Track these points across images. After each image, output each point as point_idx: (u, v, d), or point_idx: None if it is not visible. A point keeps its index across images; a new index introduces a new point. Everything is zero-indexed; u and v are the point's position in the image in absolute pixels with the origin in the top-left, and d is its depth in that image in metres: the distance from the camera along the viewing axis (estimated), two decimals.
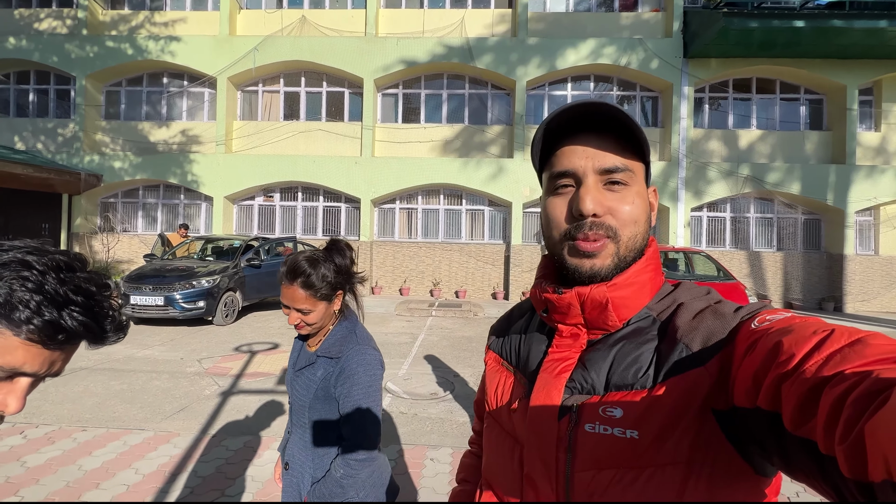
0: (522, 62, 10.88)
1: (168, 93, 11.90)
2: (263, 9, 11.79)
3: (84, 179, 10.72)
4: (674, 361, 0.49)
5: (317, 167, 10.99)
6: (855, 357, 0.33)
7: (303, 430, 1.23)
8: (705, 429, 0.46)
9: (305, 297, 1.16)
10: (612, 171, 0.54)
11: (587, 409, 0.51)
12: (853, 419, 0.29)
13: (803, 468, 0.36)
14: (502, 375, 0.66)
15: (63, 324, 0.48)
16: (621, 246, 0.54)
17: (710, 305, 0.53)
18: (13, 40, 11.41)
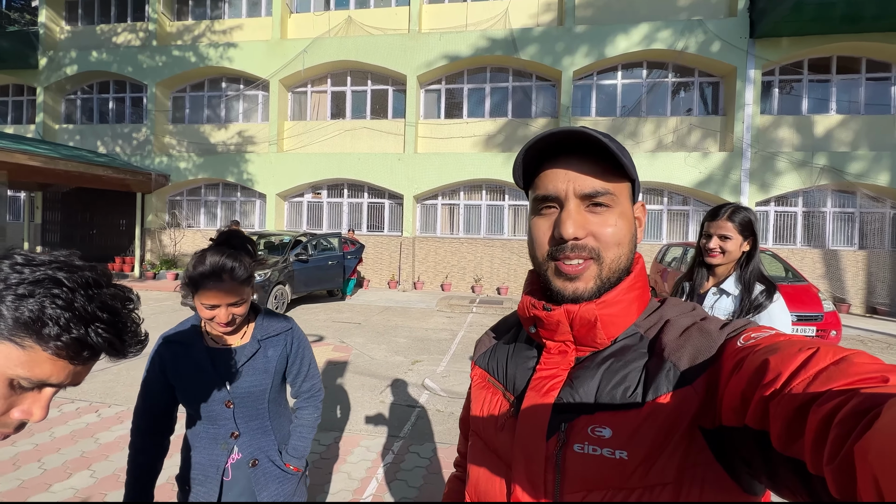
0: (569, 51, 10.47)
1: (226, 96, 12.66)
2: (312, 11, 12.19)
3: (154, 179, 11.70)
4: (662, 380, 0.49)
5: (361, 164, 11.26)
6: (840, 375, 0.33)
7: (260, 418, 1.25)
8: (693, 448, 0.46)
9: (236, 289, 1.15)
10: (593, 195, 0.54)
11: (576, 429, 0.51)
12: (841, 439, 0.29)
13: (791, 486, 0.36)
14: (489, 392, 0.65)
15: (89, 340, 0.50)
16: (604, 268, 0.55)
17: (696, 322, 0.53)
18: (95, 54, 12.61)
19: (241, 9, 12.61)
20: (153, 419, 1.25)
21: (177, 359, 1.20)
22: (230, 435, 1.21)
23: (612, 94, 10.98)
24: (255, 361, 1.23)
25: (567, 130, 0.53)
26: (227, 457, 1.21)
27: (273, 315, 1.33)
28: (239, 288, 1.15)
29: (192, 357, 1.20)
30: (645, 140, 10.61)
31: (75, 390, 3.83)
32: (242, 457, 1.22)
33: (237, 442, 1.22)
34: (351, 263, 9.37)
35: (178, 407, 1.28)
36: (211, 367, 1.19)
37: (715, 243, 1.67)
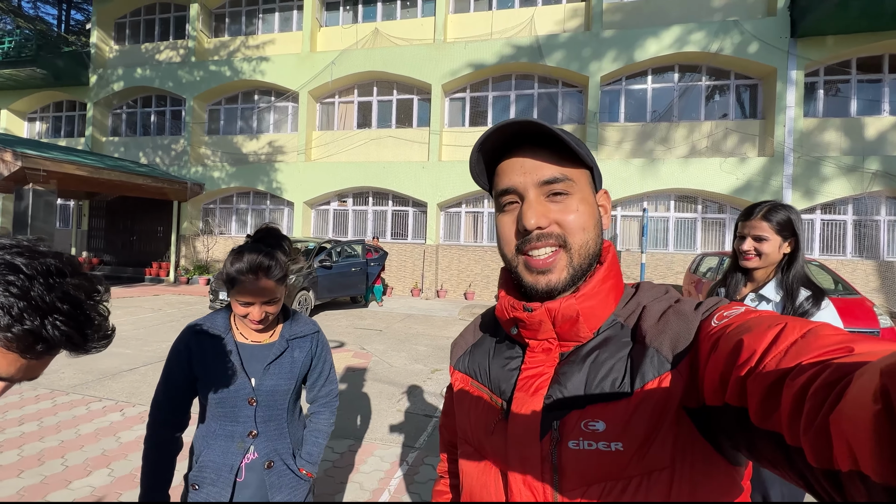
0: (596, 57, 10.28)
1: (258, 108, 13.13)
2: (340, 24, 12.52)
3: (190, 188, 12.20)
4: (647, 367, 0.49)
5: (386, 172, 11.36)
6: (808, 349, 0.35)
7: (278, 419, 1.23)
8: (683, 429, 0.47)
9: (273, 287, 1.15)
10: (552, 181, 0.54)
11: (568, 425, 0.50)
12: (815, 410, 0.30)
13: (771, 459, 0.37)
14: (474, 396, 0.63)
15: (44, 333, 0.45)
16: (574, 254, 0.54)
17: (672, 305, 0.54)
18: (140, 70, 13.38)
19: (273, 24, 13.11)
20: (173, 412, 1.22)
21: (205, 350, 1.19)
22: (248, 434, 1.19)
23: (641, 99, 10.67)
24: (282, 361, 1.23)
25: (515, 122, 0.53)
26: (243, 456, 1.18)
27: (300, 317, 1.35)
28: (274, 286, 1.15)
29: (221, 349, 1.18)
30: (677, 145, 10.23)
31: (104, 390, 3.94)
32: (258, 457, 1.19)
33: (254, 442, 1.19)
34: (374, 270, 9.40)
35: (193, 402, 1.25)
36: (239, 362, 1.18)
37: (749, 245, 1.52)
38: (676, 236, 10.29)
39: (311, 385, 1.36)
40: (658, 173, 9.88)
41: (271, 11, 13.13)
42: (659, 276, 10.05)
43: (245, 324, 1.19)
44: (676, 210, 10.31)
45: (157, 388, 1.24)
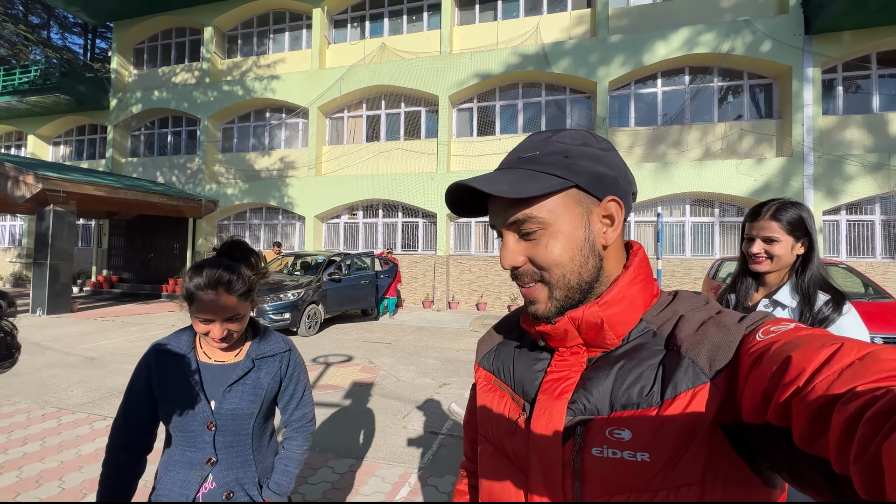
0: (604, 62, 10.18)
1: (269, 125, 13.38)
2: (348, 41, 12.74)
3: (204, 205, 12.44)
4: (681, 377, 0.47)
5: (395, 185, 11.39)
6: (866, 372, 0.33)
7: (241, 446, 1.14)
8: (716, 446, 0.45)
9: (236, 303, 1.09)
10: (515, 223, 0.54)
11: (592, 432, 0.49)
12: (868, 438, 0.28)
13: (815, 485, 0.35)
14: (496, 395, 0.62)
15: None
16: (554, 288, 0.54)
17: (712, 316, 0.52)
18: (157, 93, 13.82)
19: (283, 44, 13.43)
20: (131, 434, 1.15)
21: (164, 369, 1.13)
22: (206, 461, 1.11)
23: (651, 103, 10.50)
24: (247, 381, 1.16)
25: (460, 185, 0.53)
26: (199, 485, 1.10)
27: (272, 335, 1.27)
28: (236, 303, 1.08)
29: (180, 369, 1.12)
30: (690, 148, 10.00)
31: (110, 408, 3.92)
32: (216, 487, 1.11)
33: (213, 470, 1.11)
34: (384, 283, 9.35)
35: (158, 424, 1.19)
36: (199, 383, 1.12)
37: (759, 247, 1.40)
38: (693, 241, 9.99)
39: (283, 408, 1.26)
40: (672, 177, 9.65)
41: (281, 31, 13.47)
42: (676, 282, 9.75)
43: (208, 342, 1.12)
44: (692, 214, 10.03)
45: (118, 409, 1.17)
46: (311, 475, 2.83)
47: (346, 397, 4.36)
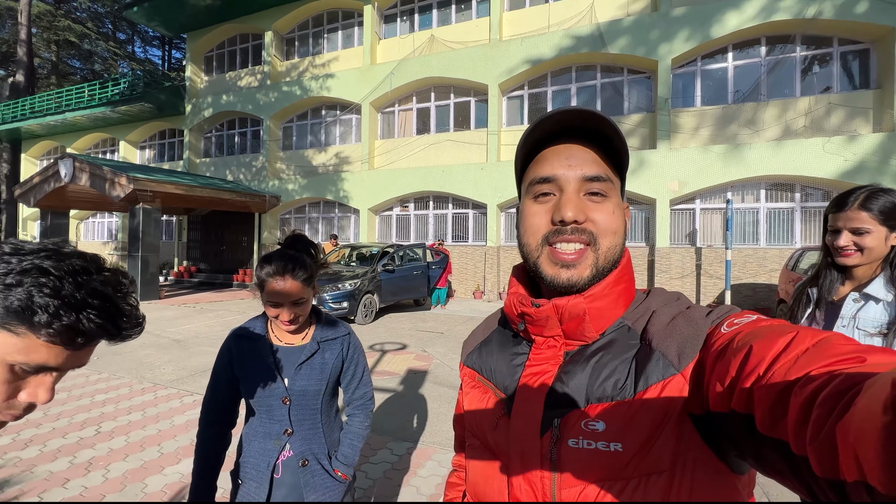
0: (666, 38, 9.50)
1: (325, 122, 13.96)
2: (398, 35, 12.90)
3: (268, 200, 13.29)
4: (652, 370, 0.49)
5: (445, 176, 11.46)
6: (819, 357, 0.34)
7: (312, 419, 1.26)
8: (685, 434, 0.46)
9: (301, 288, 1.20)
10: (595, 179, 0.54)
11: (569, 424, 0.51)
12: (822, 419, 0.30)
13: (776, 467, 0.36)
14: (479, 391, 0.64)
15: (81, 327, 0.49)
16: (600, 256, 0.54)
17: (682, 311, 0.53)
18: (225, 97, 14.87)
19: (337, 42, 13.88)
20: (219, 411, 1.31)
21: (243, 353, 1.27)
22: (284, 432, 1.24)
23: (721, 80, 9.66)
24: (313, 362, 1.29)
25: (580, 110, 0.52)
26: (279, 453, 1.24)
27: (332, 320, 1.39)
28: (301, 287, 1.21)
29: (257, 352, 1.26)
30: (766, 127, 9.10)
31: (195, 385, 4.37)
32: (293, 455, 1.24)
33: (289, 439, 1.25)
34: (435, 273, 9.50)
35: (240, 401, 1.33)
36: (273, 363, 1.25)
37: (846, 240, 1.29)
38: (769, 229, 9.14)
39: (345, 388, 1.39)
40: (744, 160, 8.86)
41: (335, 31, 13.92)
42: (749, 273, 9.00)
43: (278, 325, 1.25)
44: (768, 200, 9.16)
45: (206, 388, 1.32)
46: (372, 455, 2.98)
47: (402, 383, 4.52)
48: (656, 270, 9.54)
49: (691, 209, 9.64)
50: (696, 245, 9.51)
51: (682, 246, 9.63)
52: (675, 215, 9.72)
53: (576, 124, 0.54)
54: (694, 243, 9.56)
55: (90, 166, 10.01)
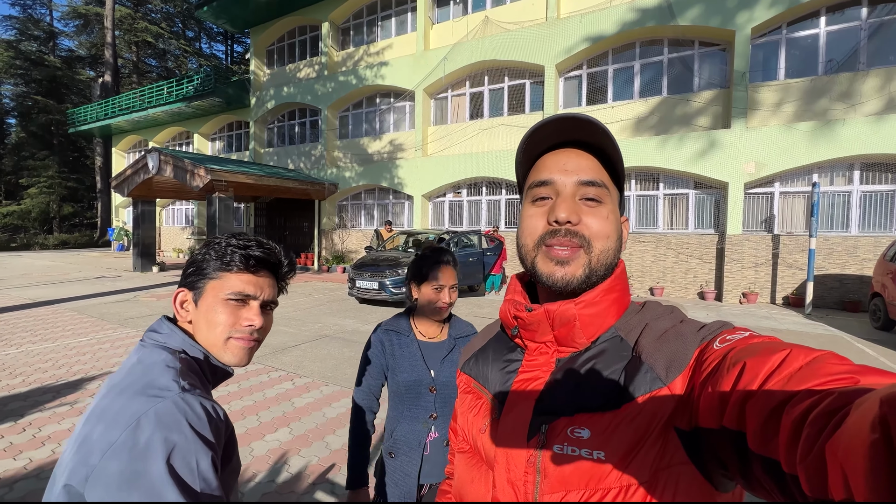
0: (746, 5, 8.68)
1: (379, 110, 14.23)
2: (451, 19, 12.77)
3: (327, 188, 13.88)
4: (639, 382, 0.50)
5: (499, 162, 11.35)
6: (812, 376, 0.34)
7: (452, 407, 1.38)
8: (668, 448, 0.47)
9: (454, 273, 1.42)
10: (590, 183, 0.56)
11: (556, 430, 0.52)
12: (813, 438, 0.30)
13: (765, 486, 0.36)
14: (473, 397, 0.66)
15: (251, 253, 0.77)
16: (593, 258, 0.56)
17: (675, 325, 0.54)
18: (286, 89, 15.56)
19: (391, 30, 14.00)
20: (372, 398, 1.50)
21: (394, 345, 1.45)
22: (430, 416, 1.41)
23: (811, 48, 8.70)
24: (453, 356, 1.46)
25: (573, 116, 0.55)
26: (427, 434, 1.40)
27: (461, 320, 1.56)
28: (454, 273, 1.44)
29: (406, 345, 1.44)
30: (865, 100, 8.13)
31: (277, 361, 4.78)
32: (439, 436, 1.40)
33: (435, 423, 1.41)
34: (490, 260, 9.55)
35: (382, 390, 1.52)
36: (421, 356, 1.42)
37: None
38: (863, 215, 8.25)
39: None
40: (835, 138, 8.00)
41: (388, 17, 14.03)
42: (836, 263, 8.22)
43: (431, 314, 1.42)
44: (863, 182, 8.24)
45: (357, 379, 1.51)
46: None
47: None
48: (726, 259, 8.96)
49: (769, 193, 8.90)
50: (773, 232, 8.80)
51: (756, 233, 8.95)
52: (750, 200, 9.02)
53: (573, 130, 0.57)
54: (771, 230, 8.85)
55: (173, 159, 10.97)
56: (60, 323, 6.36)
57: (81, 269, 13.47)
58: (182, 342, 0.74)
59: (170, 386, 0.64)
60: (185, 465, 0.58)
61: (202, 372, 0.74)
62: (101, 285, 10.18)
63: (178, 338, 0.74)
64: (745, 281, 8.86)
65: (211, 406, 0.66)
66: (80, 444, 0.60)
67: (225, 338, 0.76)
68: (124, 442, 0.57)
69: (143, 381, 0.64)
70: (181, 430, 0.60)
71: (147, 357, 0.69)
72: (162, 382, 0.64)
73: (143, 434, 0.58)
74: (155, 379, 0.65)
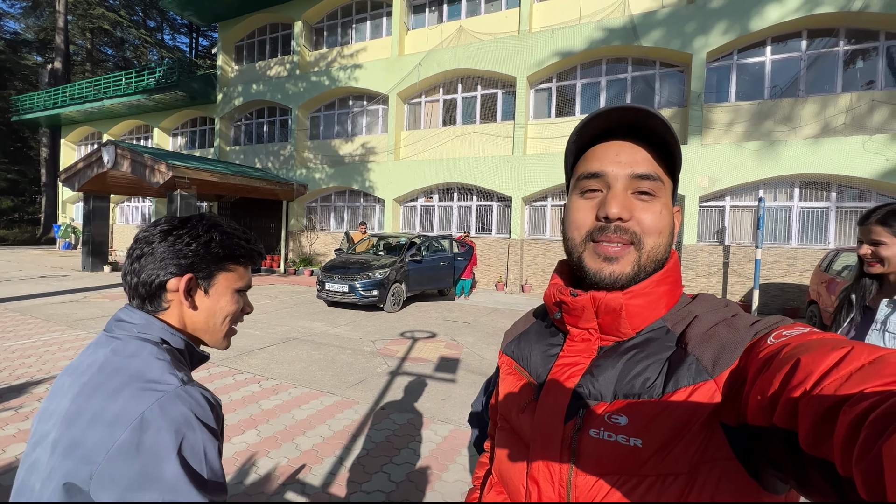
0: (702, 31, 9.31)
1: (352, 113, 14.13)
2: (426, 26, 12.92)
3: (296, 189, 13.59)
4: (683, 373, 0.49)
5: (470, 168, 11.54)
6: (875, 375, 0.32)
7: None
8: (712, 442, 0.46)
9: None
10: (645, 177, 0.54)
11: (593, 415, 0.52)
12: (871, 439, 0.28)
13: (820, 489, 0.34)
14: (514, 378, 0.67)
15: (255, 249, 0.83)
16: (643, 254, 0.55)
17: (726, 318, 0.52)
18: (255, 86, 15.17)
19: (365, 33, 13.97)
20: None
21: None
22: None
23: (757, 74, 9.44)
24: None
25: (634, 108, 0.53)
26: None
27: None
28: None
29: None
30: (804, 124, 8.89)
31: (243, 364, 4.65)
32: None
33: None
34: (461, 265, 9.66)
35: None
36: None
37: (866, 250, 1.46)
38: (801, 228, 8.98)
39: None
40: (778, 157, 8.70)
41: (363, 21, 14.00)
42: (779, 273, 8.89)
43: None
44: (802, 198, 8.99)
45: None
46: (416, 434, 3.19)
47: (437, 370, 4.72)
48: (682, 267, 9.49)
49: (721, 206, 9.53)
50: (724, 243, 9.42)
51: (709, 243, 9.54)
52: (704, 212, 9.62)
53: (628, 121, 0.54)
54: (722, 241, 9.46)
55: (131, 153, 10.44)
56: (0, 324, 5.91)
57: (22, 268, 12.50)
58: (161, 330, 0.70)
59: (168, 379, 0.62)
60: (195, 456, 0.58)
61: (184, 360, 0.73)
62: (47, 285, 9.50)
63: (156, 326, 0.70)
64: (699, 288, 9.40)
65: (211, 396, 0.66)
66: (69, 447, 0.57)
67: (228, 326, 0.79)
68: (131, 440, 0.55)
69: (131, 375, 0.61)
70: (189, 423, 0.59)
71: (124, 349, 0.65)
72: (156, 375, 0.62)
73: (151, 430, 0.56)
74: (146, 372, 0.62)
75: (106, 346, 0.67)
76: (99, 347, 0.67)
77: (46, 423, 0.63)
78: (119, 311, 0.72)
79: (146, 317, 0.70)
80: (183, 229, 0.74)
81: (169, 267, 0.71)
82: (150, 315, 0.71)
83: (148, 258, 0.71)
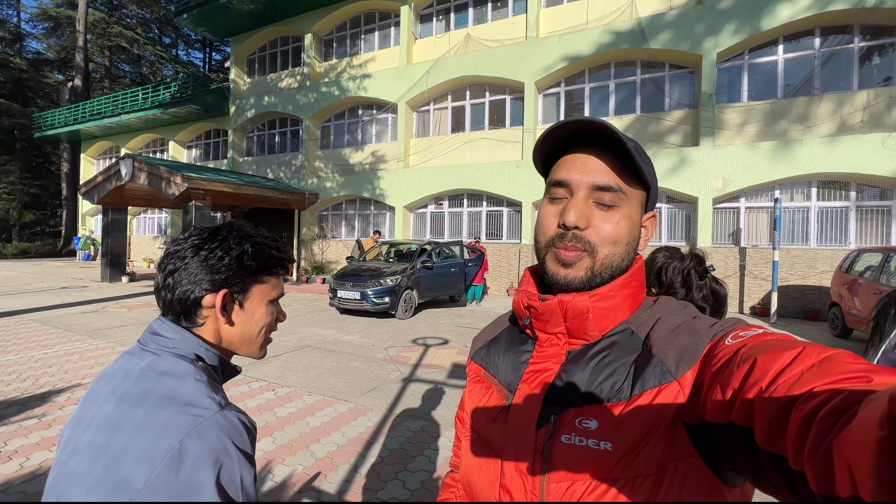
0: (712, 32, 9.24)
1: (362, 122, 14.30)
2: (434, 35, 13.05)
3: (307, 198, 13.77)
4: (649, 375, 0.50)
5: (480, 174, 11.56)
6: (824, 374, 0.34)
7: None
8: (676, 442, 0.47)
9: None
10: (605, 188, 0.56)
11: (564, 421, 0.52)
12: (821, 435, 0.30)
13: (773, 482, 0.36)
14: (483, 386, 0.67)
15: (287, 258, 0.81)
16: (596, 262, 0.56)
17: (687, 321, 0.54)
18: (266, 98, 15.46)
19: (374, 43, 14.17)
20: None
21: None
22: None
23: (770, 74, 9.31)
24: None
25: (595, 122, 0.54)
26: None
27: None
28: None
29: None
30: (820, 123, 8.73)
31: (258, 372, 4.69)
32: None
33: None
34: (471, 271, 9.64)
35: None
36: None
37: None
38: (820, 229, 8.78)
39: None
40: (793, 157, 8.54)
41: (371, 31, 14.21)
42: (797, 275, 8.68)
43: None
44: (819, 198, 8.80)
45: None
46: (432, 442, 3.17)
47: (450, 377, 4.70)
48: None
49: (735, 208, 9.37)
50: (740, 245, 9.25)
51: (725, 245, 9.38)
52: (718, 214, 9.47)
53: (594, 131, 0.56)
54: (738, 243, 9.29)
55: (148, 166, 10.69)
56: (23, 334, 6.06)
57: (44, 280, 12.84)
58: (197, 346, 0.69)
59: (206, 403, 0.61)
60: (232, 484, 0.58)
61: (217, 375, 0.72)
62: (67, 296, 9.73)
63: (192, 343, 0.69)
64: None
65: (247, 419, 0.65)
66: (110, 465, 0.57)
67: (265, 338, 0.78)
68: (170, 468, 0.55)
69: (169, 395, 0.61)
70: (227, 451, 0.58)
71: (159, 365, 0.65)
72: (195, 398, 0.61)
73: (189, 460, 0.56)
74: (185, 394, 0.62)
75: (141, 358, 0.66)
76: (133, 358, 0.67)
77: (84, 433, 0.62)
78: (153, 323, 0.71)
79: (182, 332, 0.69)
80: (214, 242, 0.72)
81: (203, 283, 0.70)
82: (185, 330, 0.70)
83: (181, 273, 0.70)
